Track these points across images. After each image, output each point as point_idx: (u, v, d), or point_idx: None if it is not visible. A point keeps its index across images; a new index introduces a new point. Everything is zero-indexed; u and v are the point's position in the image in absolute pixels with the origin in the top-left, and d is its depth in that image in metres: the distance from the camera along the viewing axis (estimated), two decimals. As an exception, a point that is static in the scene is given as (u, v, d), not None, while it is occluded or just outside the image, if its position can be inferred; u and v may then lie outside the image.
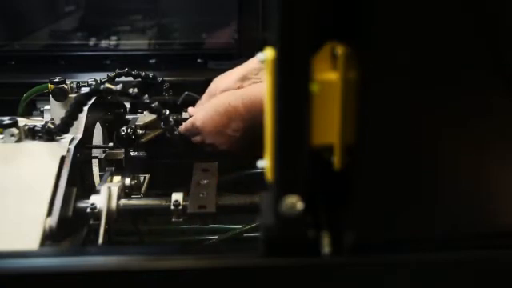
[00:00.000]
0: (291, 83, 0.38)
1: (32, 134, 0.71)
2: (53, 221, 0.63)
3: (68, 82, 0.89)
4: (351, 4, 0.39)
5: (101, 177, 0.85)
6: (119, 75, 0.93)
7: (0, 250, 0.57)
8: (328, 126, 0.42)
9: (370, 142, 0.41)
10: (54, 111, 0.89)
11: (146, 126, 0.92)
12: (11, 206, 0.63)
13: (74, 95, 0.88)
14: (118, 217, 0.69)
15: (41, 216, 0.63)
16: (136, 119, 0.94)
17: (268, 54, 0.40)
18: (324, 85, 0.41)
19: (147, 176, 0.87)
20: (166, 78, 1.03)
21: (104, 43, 1.30)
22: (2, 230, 0.61)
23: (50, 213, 0.63)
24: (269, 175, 0.43)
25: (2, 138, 0.70)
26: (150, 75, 0.96)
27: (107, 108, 0.91)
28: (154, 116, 0.95)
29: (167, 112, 0.69)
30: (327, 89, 0.41)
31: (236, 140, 0.93)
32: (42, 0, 1.33)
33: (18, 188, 0.65)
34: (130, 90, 0.64)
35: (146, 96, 0.66)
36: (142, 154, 0.86)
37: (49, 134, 0.70)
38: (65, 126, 0.69)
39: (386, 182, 0.42)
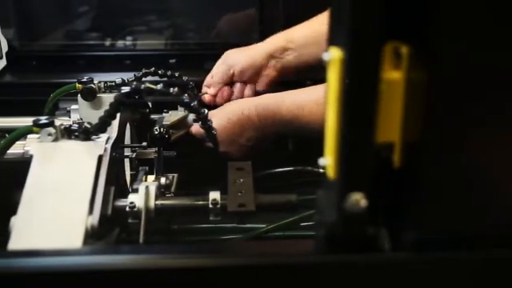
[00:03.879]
0: (362, 83, 0.39)
1: (68, 133, 0.71)
2: (94, 219, 0.63)
3: (95, 81, 0.89)
4: (417, 5, 0.40)
5: (131, 176, 0.85)
6: (146, 74, 0.94)
7: (45, 248, 0.58)
8: (390, 125, 0.42)
9: (435, 140, 0.41)
10: (82, 111, 0.90)
11: (172, 126, 0.93)
12: (53, 205, 0.64)
13: (102, 95, 0.89)
14: (155, 216, 0.70)
15: (82, 215, 0.63)
16: (162, 119, 0.94)
17: (334, 53, 0.41)
18: (388, 84, 0.41)
19: (175, 175, 0.87)
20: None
21: (124, 43, 1.31)
22: (44, 229, 0.62)
23: (90, 211, 0.64)
24: (331, 173, 0.43)
25: (39, 138, 0.70)
26: (176, 75, 0.96)
27: (134, 108, 0.91)
28: (179, 116, 0.96)
29: (206, 111, 0.70)
30: (391, 88, 0.42)
31: (248, 149, 0.94)
32: (61, 0, 1.33)
33: (59, 187, 0.65)
34: (171, 90, 0.65)
35: (186, 95, 0.67)
36: (171, 153, 0.87)
37: (86, 134, 0.70)
38: (103, 126, 0.69)
39: (449, 179, 0.43)
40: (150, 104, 0.97)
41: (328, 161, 0.44)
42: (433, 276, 0.44)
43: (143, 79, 0.94)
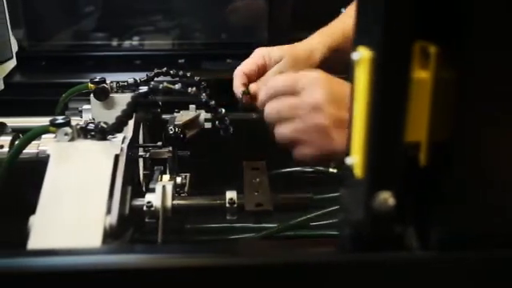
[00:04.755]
0: (393, 82, 0.39)
1: (84, 133, 0.72)
2: (113, 219, 0.63)
3: (107, 81, 0.90)
4: (446, 6, 0.40)
5: (144, 175, 0.85)
6: (158, 74, 0.94)
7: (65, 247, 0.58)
8: (417, 124, 0.43)
9: (463, 139, 0.41)
10: (94, 111, 0.90)
11: (184, 126, 0.93)
12: (71, 205, 0.64)
13: (114, 95, 0.89)
14: (172, 215, 0.70)
15: (101, 214, 0.63)
16: (174, 119, 0.94)
17: (363, 53, 0.41)
18: (416, 84, 0.42)
19: (188, 175, 0.88)
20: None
21: (131, 43, 1.31)
22: (63, 228, 0.62)
23: (108, 211, 0.64)
24: (358, 171, 0.44)
25: (55, 137, 0.70)
26: (188, 74, 0.96)
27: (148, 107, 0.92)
28: (190, 115, 0.97)
29: (223, 111, 0.70)
30: (418, 87, 0.42)
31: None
32: (70, 1, 1.34)
33: (77, 186, 0.65)
34: (189, 89, 0.65)
35: (204, 95, 0.67)
36: (185, 152, 0.87)
37: (102, 133, 0.70)
38: (120, 125, 0.69)
39: (477, 178, 0.43)
40: (160, 103, 0.98)
41: (355, 159, 0.44)
42: (460, 275, 0.44)
43: (154, 79, 0.94)
